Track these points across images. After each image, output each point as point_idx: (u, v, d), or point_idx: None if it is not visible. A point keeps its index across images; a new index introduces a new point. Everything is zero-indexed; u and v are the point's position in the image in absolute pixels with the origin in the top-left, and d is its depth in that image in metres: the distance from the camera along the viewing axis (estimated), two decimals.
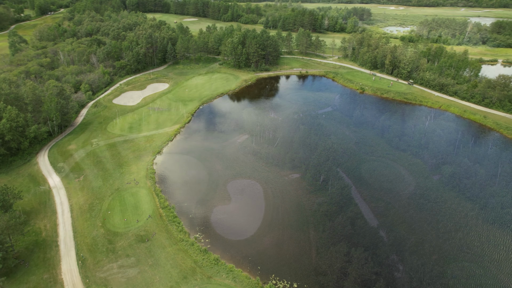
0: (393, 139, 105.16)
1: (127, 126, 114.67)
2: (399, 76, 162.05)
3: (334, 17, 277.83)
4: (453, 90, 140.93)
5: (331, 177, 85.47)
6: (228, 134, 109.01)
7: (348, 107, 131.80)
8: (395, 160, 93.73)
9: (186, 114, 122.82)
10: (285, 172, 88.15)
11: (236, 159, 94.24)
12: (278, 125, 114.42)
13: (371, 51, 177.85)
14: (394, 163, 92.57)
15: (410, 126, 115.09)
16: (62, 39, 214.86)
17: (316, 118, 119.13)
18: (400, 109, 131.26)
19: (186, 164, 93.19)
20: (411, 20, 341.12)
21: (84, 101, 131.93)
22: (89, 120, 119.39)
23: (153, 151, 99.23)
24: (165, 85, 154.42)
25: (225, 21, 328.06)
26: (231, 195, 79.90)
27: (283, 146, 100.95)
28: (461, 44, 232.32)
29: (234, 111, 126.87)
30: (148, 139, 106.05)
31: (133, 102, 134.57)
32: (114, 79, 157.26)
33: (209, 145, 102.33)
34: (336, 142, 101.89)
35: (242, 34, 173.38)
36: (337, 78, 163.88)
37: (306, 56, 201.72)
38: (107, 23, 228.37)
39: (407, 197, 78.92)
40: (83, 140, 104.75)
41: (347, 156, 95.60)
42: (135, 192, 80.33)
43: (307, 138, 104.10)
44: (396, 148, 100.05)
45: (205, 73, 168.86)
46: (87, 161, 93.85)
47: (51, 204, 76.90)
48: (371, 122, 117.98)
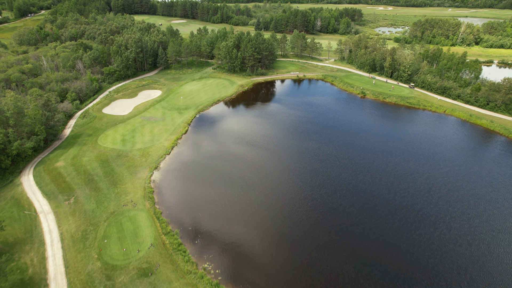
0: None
1: (119, 138, 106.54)
2: (399, 80, 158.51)
3: (327, 18, 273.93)
4: (456, 94, 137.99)
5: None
6: (230, 146, 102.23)
7: (352, 113, 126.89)
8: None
9: (182, 124, 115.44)
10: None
11: (242, 175, 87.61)
12: (282, 138, 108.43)
13: (368, 53, 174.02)
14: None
15: (429, 136, 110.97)
16: (44, 43, 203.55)
17: (326, 129, 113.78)
18: (406, 115, 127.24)
19: (186, 181, 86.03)
20: (402, 21, 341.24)
21: (71, 111, 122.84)
22: (78, 132, 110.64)
23: (149, 166, 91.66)
24: (158, 92, 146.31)
25: (215, 22, 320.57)
26: (238, 216, 73.33)
27: (294, 170, 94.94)
28: (455, 45, 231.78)
29: (233, 120, 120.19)
30: (143, 152, 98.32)
31: (124, 112, 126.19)
32: (102, 86, 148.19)
33: (210, 159, 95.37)
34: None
35: (237, 37, 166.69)
36: (336, 82, 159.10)
37: (302, 59, 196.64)
38: (93, 26, 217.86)
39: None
40: (72, 155, 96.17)
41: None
42: (133, 216, 72.79)
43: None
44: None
45: (199, 78, 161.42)
46: (77, 179, 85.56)
47: (38, 233, 68.67)
48: (386, 135, 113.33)
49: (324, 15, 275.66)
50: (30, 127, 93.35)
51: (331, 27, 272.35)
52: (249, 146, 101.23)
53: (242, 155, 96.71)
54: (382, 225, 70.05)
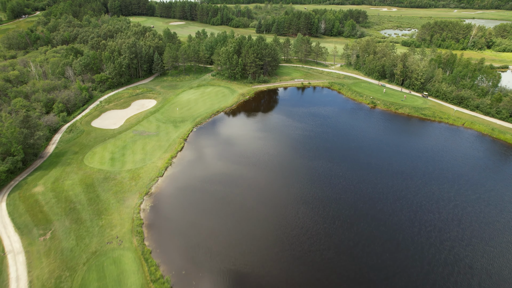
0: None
1: (108, 157, 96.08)
2: (411, 88, 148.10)
3: (331, 20, 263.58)
4: (475, 104, 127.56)
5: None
6: (230, 167, 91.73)
7: (363, 126, 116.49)
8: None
9: (178, 140, 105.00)
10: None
11: (244, 204, 77.14)
12: (289, 156, 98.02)
13: (377, 59, 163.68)
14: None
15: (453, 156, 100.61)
16: (34, 47, 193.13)
17: (336, 146, 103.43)
18: (422, 128, 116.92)
19: (180, 210, 75.59)
20: (407, 23, 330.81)
21: (57, 125, 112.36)
22: (62, 149, 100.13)
23: (139, 191, 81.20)
24: (152, 101, 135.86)
25: (215, 24, 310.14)
26: (240, 257, 62.88)
27: (303, 198, 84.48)
28: (465, 48, 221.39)
29: (234, 134, 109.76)
30: (134, 174, 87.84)
31: (115, 125, 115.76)
32: (93, 95, 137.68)
33: (208, 183, 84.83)
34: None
35: (237, 42, 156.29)
36: (343, 90, 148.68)
37: (306, 64, 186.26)
38: (86, 29, 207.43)
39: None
40: (53, 178, 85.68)
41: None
42: (118, 258, 62.31)
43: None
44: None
45: (196, 86, 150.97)
46: (57, 208, 75.12)
47: (3, 281, 58.18)
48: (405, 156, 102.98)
49: (328, 17, 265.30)
50: (5, 147, 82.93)
51: (335, 29, 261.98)
52: (252, 167, 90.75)
53: (244, 178, 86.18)
54: (409, 270, 59.55)
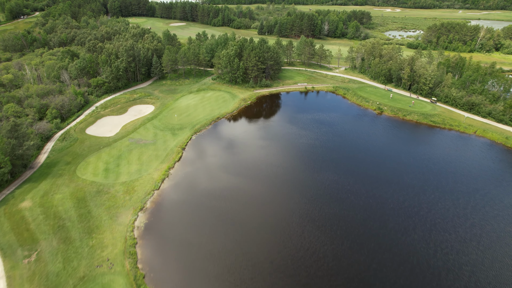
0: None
1: (102, 167, 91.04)
2: (418, 93, 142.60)
3: (335, 22, 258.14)
4: (486, 111, 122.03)
5: None
6: (231, 180, 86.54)
7: (371, 134, 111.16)
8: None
9: (175, 149, 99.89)
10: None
11: (246, 222, 71.94)
12: (293, 167, 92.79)
13: (384, 62, 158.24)
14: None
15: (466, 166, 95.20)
16: (31, 49, 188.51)
17: (343, 156, 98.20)
18: (431, 137, 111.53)
19: (177, 228, 70.48)
20: (412, 24, 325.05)
21: (50, 132, 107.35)
22: (54, 159, 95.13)
23: (134, 207, 76.14)
24: (150, 107, 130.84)
25: (216, 26, 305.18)
26: (242, 282, 57.69)
27: (310, 215, 79.25)
28: (473, 51, 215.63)
29: (235, 143, 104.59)
30: (128, 188, 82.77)
31: (111, 132, 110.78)
32: (89, 100, 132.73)
33: (206, 197, 79.70)
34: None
35: (239, 45, 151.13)
36: (348, 95, 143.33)
37: (310, 68, 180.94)
38: (84, 31, 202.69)
39: None
40: (42, 192, 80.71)
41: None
42: (107, 284, 57.20)
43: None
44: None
45: (196, 90, 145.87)
46: (44, 226, 70.15)
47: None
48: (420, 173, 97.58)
49: (332, 19, 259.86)
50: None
51: (339, 31, 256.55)
52: (254, 180, 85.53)
53: (245, 192, 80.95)
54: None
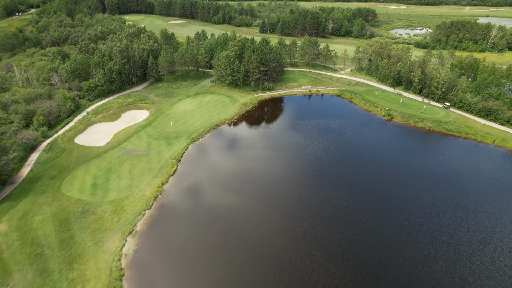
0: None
1: (89, 183, 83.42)
2: (430, 97, 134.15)
3: (339, 19, 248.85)
4: (505, 118, 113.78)
5: None
6: (231, 198, 78.74)
7: (381, 144, 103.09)
8: None
9: (170, 161, 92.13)
10: None
11: (248, 250, 64.25)
12: (299, 183, 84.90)
13: (392, 64, 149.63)
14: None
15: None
16: (22, 49, 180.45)
17: (352, 170, 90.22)
18: (447, 147, 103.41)
19: (170, 256, 62.86)
20: (418, 21, 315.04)
21: (35, 141, 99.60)
22: (38, 173, 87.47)
23: (122, 230, 68.58)
24: (145, 112, 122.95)
25: (216, 23, 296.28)
26: None
27: (318, 242, 71.48)
28: (484, 50, 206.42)
29: (235, 154, 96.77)
30: (117, 207, 75.15)
31: (102, 141, 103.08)
32: (80, 105, 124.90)
33: (204, 218, 72.01)
34: None
35: (239, 45, 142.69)
36: (356, 100, 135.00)
37: (314, 69, 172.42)
38: (78, 29, 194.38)
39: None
40: (21, 212, 73.15)
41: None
42: None
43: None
44: None
45: (194, 94, 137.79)
46: (20, 255, 62.65)
47: None
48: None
49: (336, 16, 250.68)
50: None
51: (343, 29, 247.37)
52: (256, 198, 77.70)
53: (246, 212, 73.18)
54: None
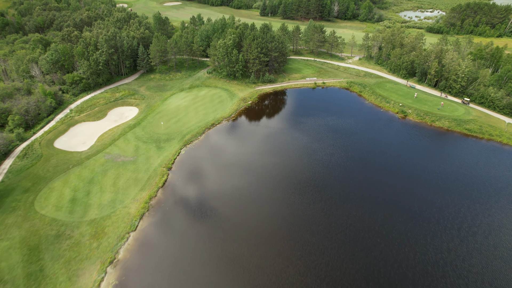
0: None
1: (68, 197, 73.61)
2: (447, 91, 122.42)
3: (345, 2, 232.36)
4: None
5: None
6: (229, 213, 69.02)
7: (395, 148, 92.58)
8: None
9: (160, 169, 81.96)
10: None
11: (248, 281, 55.12)
12: (307, 198, 74.95)
13: (405, 53, 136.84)
14: None
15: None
16: (2, 35, 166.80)
17: (367, 181, 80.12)
18: (469, 150, 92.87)
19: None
20: (429, 2, 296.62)
21: (9, 146, 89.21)
22: (10, 185, 77.50)
23: (102, 259, 59.26)
24: (134, 110, 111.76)
25: (214, 5, 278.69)
26: None
27: (329, 275, 62.06)
28: (502, 35, 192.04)
29: (232, 160, 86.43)
30: (97, 229, 65.60)
31: (85, 145, 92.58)
32: (63, 101, 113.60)
33: (198, 244, 62.49)
34: None
35: (238, 33, 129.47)
36: (365, 94, 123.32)
37: (319, 57, 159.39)
38: (64, 13, 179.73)
39: None
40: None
41: None
42: None
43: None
44: None
45: (188, 87, 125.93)
46: None
47: None
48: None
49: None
50: None
51: (350, 12, 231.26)
52: (257, 216, 67.94)
53: (247, 234, 63.55)
54: None
